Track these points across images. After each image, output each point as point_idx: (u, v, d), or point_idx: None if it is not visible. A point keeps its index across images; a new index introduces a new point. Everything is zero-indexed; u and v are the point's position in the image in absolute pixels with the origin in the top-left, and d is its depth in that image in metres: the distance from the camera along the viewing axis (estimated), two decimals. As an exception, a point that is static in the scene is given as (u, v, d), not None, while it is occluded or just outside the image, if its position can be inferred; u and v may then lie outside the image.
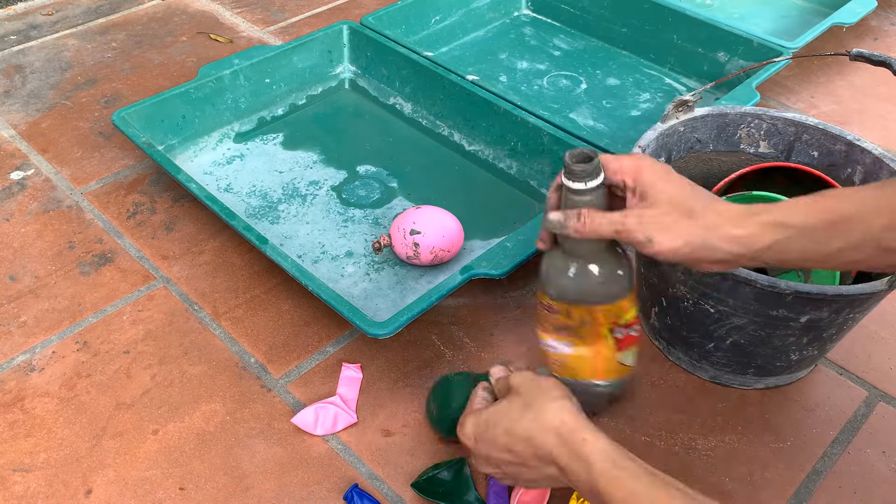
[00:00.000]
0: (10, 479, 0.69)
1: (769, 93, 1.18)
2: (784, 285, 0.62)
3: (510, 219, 0.93)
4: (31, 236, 0.93)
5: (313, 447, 0.71)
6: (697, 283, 0.68)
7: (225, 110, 1.05)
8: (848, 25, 1.17)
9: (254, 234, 0.81)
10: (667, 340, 0.78)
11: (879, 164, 0.75)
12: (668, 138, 0.79)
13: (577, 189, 0.57)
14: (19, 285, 0.87)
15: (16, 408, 0.75)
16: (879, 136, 1.10)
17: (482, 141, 1.02)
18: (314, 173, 1.00)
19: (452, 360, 0.79)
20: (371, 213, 0.94)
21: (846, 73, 1.23)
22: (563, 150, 0.93)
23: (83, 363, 0.79)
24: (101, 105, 1.14)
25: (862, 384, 0.78)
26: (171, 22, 1.35)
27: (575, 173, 0.56)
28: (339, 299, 0.74)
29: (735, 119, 0.81)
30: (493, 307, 0.84)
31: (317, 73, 1.13)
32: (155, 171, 1.02)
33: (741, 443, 0.72)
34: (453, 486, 0.67)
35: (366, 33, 1.12)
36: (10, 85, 1.18)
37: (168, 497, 0.68)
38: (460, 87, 1.02)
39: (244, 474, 0.69)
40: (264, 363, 0.79)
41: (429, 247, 0.83)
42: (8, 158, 1.04)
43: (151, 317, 0.83)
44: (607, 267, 0.62)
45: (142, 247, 0.91)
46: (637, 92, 1.15)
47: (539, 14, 1.34)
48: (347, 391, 0.75)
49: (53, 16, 1.36)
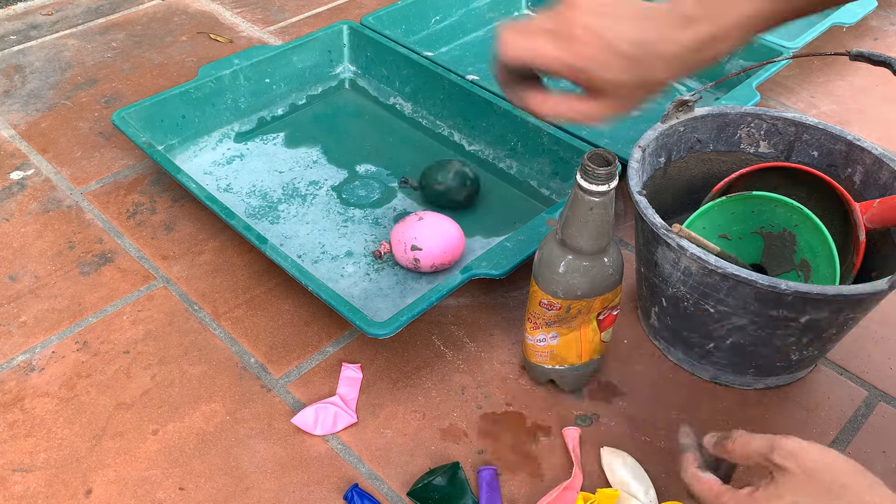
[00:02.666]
0: (10, 479, 0.69)
1: (769, 93, 1.18)
2: (784, 285, 0.62)
3: (510, 219, 0.93)
4: (31, 236, 0.93)
5: (313, 447, 0.71)
6: (697, 283, 0.68)
7: (225, 110, 1.05)
8: (848, 25, 1.17)
9: (254, 234, 0.81)
10: (667, 340, 0.78)
11: (879, 164, 0.75)
12: (668, 138, 0.79)
13: (597, 191, 0.58)
14: (19, 285, 0.87)
15: (16, 408, 0.75)
16: (879, 136, 1.10)
17: (482, 141, 1.02)
18: (314, 173, 1.00)
19: (452, 360, 0.79)
20: (371, 213, 0.94)
21: (846, 73, 1.23)
22: (563, 150, 0.93)
23: (83, 363, 0.79)
24: (101, 105, 1.14)
25: (862, 384, 0.78)
26: (171, 22, 1.35)
27: (598, 176, 0.57)
28: (339, 299, 0.74)
29: (735, 119, 0.81)
30: (493, 307, 0.84)
31: (317, 73, 1.13)
32: (155, 171, 1.02)
33: (741, 443, 0.72)
34: (449, 491, 0.67)
35: (366, 33, 1.12)
36: (10, 85, 1.18)
37: (168, 497, 0.68)
38: (460, 87, 1.02)
39: (244, 474, 0.69)
40: (264, 363, 0.79)
41: (430, 262, 0.83)
42: (8, 158, 1.04)
43: (151, 317, 0.83)
44: (612, 258, 0.64)
45: (142, 247, 0.91)
46: (637, 92, 1.14)
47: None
48: (347, 391, 0.75)
49: (53, 16, 1.36)
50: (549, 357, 0.71)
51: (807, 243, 0.74)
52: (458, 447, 0.71)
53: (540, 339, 0.69)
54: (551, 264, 0.64)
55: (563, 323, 0.67)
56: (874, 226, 0.72)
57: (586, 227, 0.61)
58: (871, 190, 0.76)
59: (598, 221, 0.61)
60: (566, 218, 0.62)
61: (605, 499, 0.66)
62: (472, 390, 0.76)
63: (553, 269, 0.64)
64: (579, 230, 0.61)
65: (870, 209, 0.72)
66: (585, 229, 0.61)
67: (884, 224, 0.72)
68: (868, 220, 0.72)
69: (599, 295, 0.65)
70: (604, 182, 0.58)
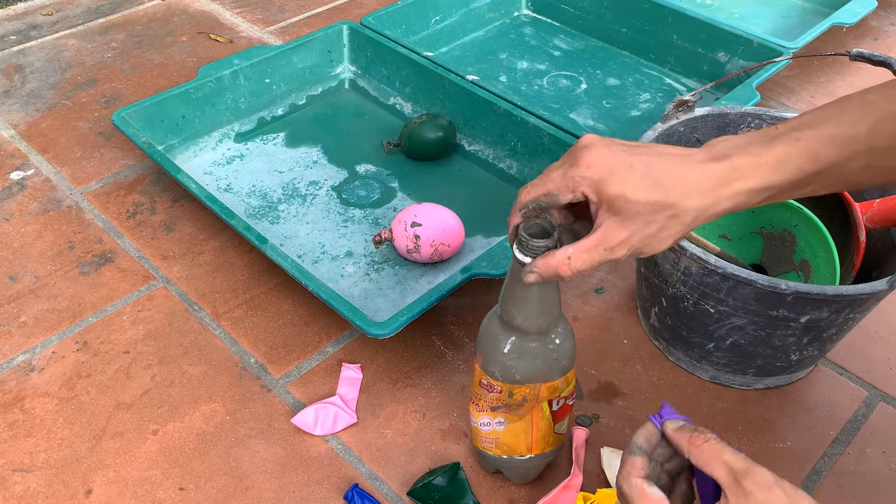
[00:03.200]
0: (10, 479, 0.69)
1: (769, 93, 1.18)
2: (784, 286, 0.62)
3: (510, 219, 0.93)
4: (31, 236, 0.93)
5: (313, 447, 0.71)
6: (697, 283, 0.68)
7: (225, 110, 1.05)
8: (848, 25, 1.17)
9: (253, 234, 0.81)
10: (667, 340, 0.78)
11: (879, 164, 0.75)
12: (668, 138, 0.79)
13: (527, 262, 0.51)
14: (19, 285, 0.87)
15: (16, 408, 0.75)
16: (879, 136, 1.10)
17: (482, 141, 1.02)
18: (314, 173, 1.00)
19: (452, 360, 0.79)
20: (371, 213, 0.94)
21: (846, 73, 1.23)
22: (563, 150, 0.93)
23: (83, 363, 0.79)
24: (101, 105, 1.14)
25: (862, 384, 0.78)
26: (171, 22, 1.35)
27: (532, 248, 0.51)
28: (339, 299, 0.74)
29: (735, 119, 0.81)
30: (493, 307, 0.84)
31: (317, 73, 1.13)
32: (155, 171, 1.02)
33: (741, 443, 0.72)
34: (450, 491, 0.67)
35: (366, 33, 1.12)
36: (10, 85, 1.18)
37: (168, 497, 0.68)
38: (460, 87, 1.02)
39: (244, 474, 0.69)
40: (264, 363, 0.79)
41: (429, 239, 0.83)
42: (8, 158, 1.04)
43: (151, 317, 0.83)
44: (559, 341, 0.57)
45: (142, 247, 0.91)
46: (637, 92, 1.15)
47: (539, 14, 1.34)
48: (347, 391, 0.75)
49: (53, 16, 1.36)
50: (494, 445, 0.64)
51: (807, 243, 0.74)
52: (458, 447, 0.71)
53: (484, 423, 0.62)
54: (489, 341, 0.58)
55: (509, 409, 0.60)
56: (874, 226, 0.72)
57: (525, 305, 0.54)
58: (870, 190, 0.76)
59: (538, 298, 0.54)
60: (503, 291, 0.56)
61: (605, 499, 0.66)
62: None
63: (491, 346, 0.58)
64: (517, 307, 0.55)
65: (870, 209, 0.72)
66: (524, 306, 0.55)
67: (884, 224, 0.72)
68: (868, 220, 0.72)
69: (544, 382, 0.58)
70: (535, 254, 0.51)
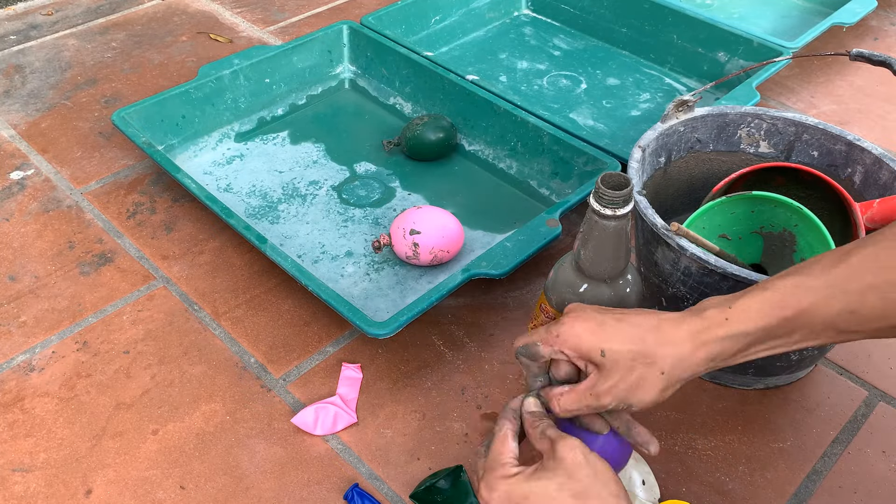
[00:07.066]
0: (10, 479, 0.69)
1: (769, 93, 1.18)
2: (784, 285, 0.62)
3: (510, 219, 0.93)
4: (31, 236, 0.93)
5: (313, 447, 0.71)
6: (697, 283, 0.68)
7: (225, 110, 1.05)
8: (848, 25, 1.17)
9: (253, 233, 0.81)
10: (667, 340, 0.78)
11: (879, 164, 0.75)
12: (668, 138, 0.79)
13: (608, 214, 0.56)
14: (19, 285, 0.87)
15: (16, 408, 0.75)
16: (879, 136, 1.10)
17: (482, 141, 1.02)
18: (314, 173, 1.00)
19: (452, 360, 0.79)
20: (371, 213, 0.94)
21: (846, 73, 1.23)
22: (563, 150, 0.94)
23: (83, 363, 0.79)
24: (101, 105, 1.14)
25: (862, 384, 0.78)
26: (171, 22, 1.35)
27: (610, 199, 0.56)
28: (339, 299, 0.74)
29: (735, 119, 0.81)
30: (493, 307, 0.84)
31: (317, 73, 1.13)
32: (155, 171, 1.02)
33: (741, 443, 0.72)
34: (452, 494, 0.67)
35: (366, 33, 1.12)
36: (10, 85, 1.18)
37: (168, 497, 0.68)
38: (460, 87, 1.02)
39: (244, 474, 0.69)
40: (264, 363, 0.79)
41: (428, 247, 0.83)
42: (8, 158, 1.04)
43: (151, 317, 0.83)
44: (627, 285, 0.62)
45: (142, 247, 0.91)
46: (637, 92, 1.15)
47: (539, 14, 1.34)
48: (347, 391, 0.75)
49: (53, 16, 1.36)
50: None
51: (807, 243, 0.74)
52: (458, 447, 0.71)
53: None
54: (564, 283, 0.63)
55: None
56: (874, 226, 0.72)
57: (600, 251, 0.59)
58: (871, 190, 0.76)
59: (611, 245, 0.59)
60: (579, 239, 0.60)
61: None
62: (472, 390, 0.76)
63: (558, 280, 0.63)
64: (592, 253, 0.59)
65: (870, 209, 0.72)
66: (599, 252, 0.59)
67: (884, 224, 0.72)
68: (868, 220, 0.72)
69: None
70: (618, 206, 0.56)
